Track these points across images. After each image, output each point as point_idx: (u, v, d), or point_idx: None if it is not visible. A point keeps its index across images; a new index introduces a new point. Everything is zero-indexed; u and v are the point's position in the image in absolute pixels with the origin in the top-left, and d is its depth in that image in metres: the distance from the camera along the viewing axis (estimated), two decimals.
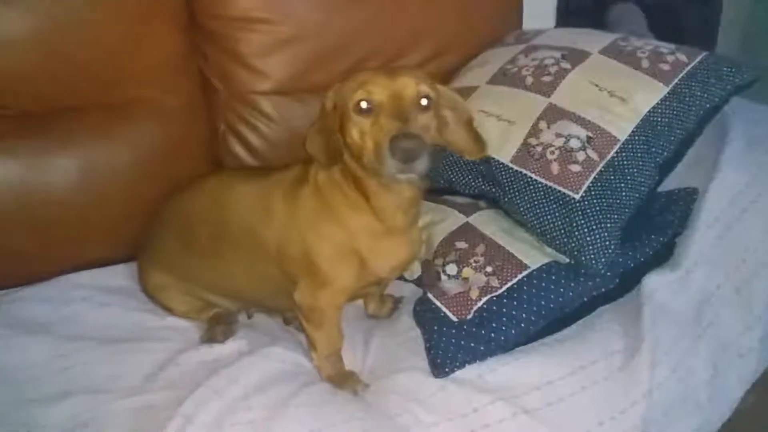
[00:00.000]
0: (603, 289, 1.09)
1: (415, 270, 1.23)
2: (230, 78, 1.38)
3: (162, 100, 1.28)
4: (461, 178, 1.23)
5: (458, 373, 1.01)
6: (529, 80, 1.24)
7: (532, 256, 1.10)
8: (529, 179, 1.13)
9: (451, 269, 1.11)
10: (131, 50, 1.23)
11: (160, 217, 1.19)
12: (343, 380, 1.05)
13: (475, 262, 1.10)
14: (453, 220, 1.19)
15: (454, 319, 1.05)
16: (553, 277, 1.07)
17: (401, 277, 1.26)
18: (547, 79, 1.23)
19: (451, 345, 1.02)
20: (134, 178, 1.25)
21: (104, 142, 1.23)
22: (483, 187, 1.21)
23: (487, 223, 1.17)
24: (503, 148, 1.18)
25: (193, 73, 1.35)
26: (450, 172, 1.25)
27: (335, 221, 1.02)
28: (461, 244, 1.14)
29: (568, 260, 1.10)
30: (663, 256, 1.15)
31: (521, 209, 1.13)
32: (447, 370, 1.00)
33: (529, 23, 1.63)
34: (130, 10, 1.23)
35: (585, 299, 1.08)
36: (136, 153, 1.25)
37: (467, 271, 1.09)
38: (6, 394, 0.96)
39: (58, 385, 0.98)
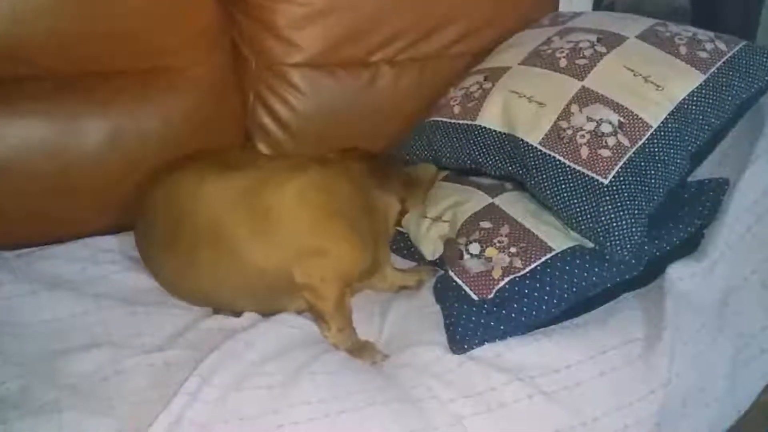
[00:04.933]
0: (627, 276, 1.08)
1: (436, 250, 1.23)
2: (262, 49, 1.38)
3: (194, 69, 1.28)
4: (488, 159, 1.22)
5: (477, 351, 1.01)
6: (563, 62, 1.23)
7: (557, 239, 1.09)
8: (558, 162, 1.12)
9: (474, 248, 1.11)
10: (166, 18, 1.23)
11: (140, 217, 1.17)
12: (361, 350, 1.06)
13: (499, 242, 1.09)
14: (478, 200, 1.19)
15: (475, 297, 1.05)
16: (578, 261, 1.06)
17: (422, 258, 1.25)
18: (581, 62, 1.21)
19: (470, 323, 1.02)
20: (164, 145, 1.26)
21: (136, 108, 1.24)
22: (510, 168, 1.20)
23: (513, 204, 1.16)
24: (533, 130, 1.16)
25: (226, 44, 1.35)
26: (477, 153, 1.24)
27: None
28: (485, 224, 1.13)
29: (593, 245, 1.09)
30: (690, 245, 1.14)
31: (548, 192, 1.12)
32: (466, 347, 1.00)
33: (565, 7, 1.61)
34: None
35: (608, 285, 1.07)
36: (167, 120, 1.26)
37: (491, 251, 1.09)
38: (33, 346, 0.98)
39: (82, 339, 1.00)
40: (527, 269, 1.06)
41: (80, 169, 1.21)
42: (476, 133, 1.24)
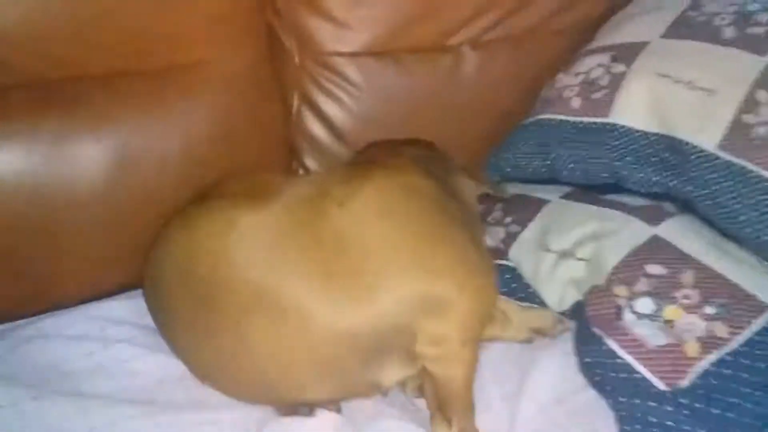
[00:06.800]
0: None
1: (566, 297, 0.89)
2: (308, 35, 1.06)
3: (220, 65, 0.96)
4: (636, 171, 0.90)
5: None
6: (729, 32, 0.90)
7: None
8: (751, 174, 0.79)
9: (644, 306, 0.77)
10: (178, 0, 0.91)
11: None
12: None
13: (685, 297, 0.76)
14: (633, 231, 0.85)
15: (662, 386, 0.72)
16: None
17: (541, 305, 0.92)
18: (756, 30, 0.89)
19: (663, 428, 0.69)
20: (185, 170, 0.93)
21: (148, 120, 0.90)
22: (669, 184, 0.87)
23: (688, 236, 0.83)
24: (703, 129, 0.85)
25: (261, 31, 1.02)
26: (616, 163, 0.92)
27: None
28: (655, 269, 0.80)
29: None
30: None
31: (741, 218, 0.79)
32: None
33: None
34: None
35: None
36: (189, 136, 0.93)
37: (673, 312, 0.76)
38: None
39: None
40: (738, 340, 0.72)
41: (75, 209, 0.89)
42: (612, 135, 0.93)
